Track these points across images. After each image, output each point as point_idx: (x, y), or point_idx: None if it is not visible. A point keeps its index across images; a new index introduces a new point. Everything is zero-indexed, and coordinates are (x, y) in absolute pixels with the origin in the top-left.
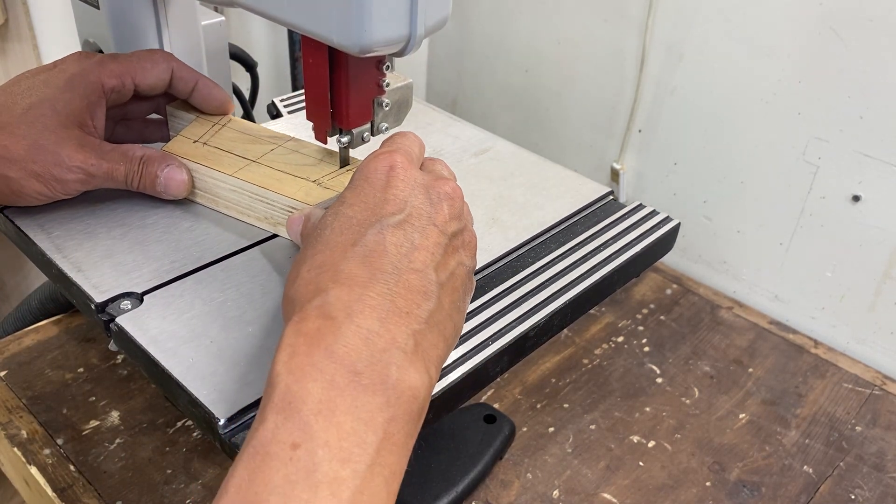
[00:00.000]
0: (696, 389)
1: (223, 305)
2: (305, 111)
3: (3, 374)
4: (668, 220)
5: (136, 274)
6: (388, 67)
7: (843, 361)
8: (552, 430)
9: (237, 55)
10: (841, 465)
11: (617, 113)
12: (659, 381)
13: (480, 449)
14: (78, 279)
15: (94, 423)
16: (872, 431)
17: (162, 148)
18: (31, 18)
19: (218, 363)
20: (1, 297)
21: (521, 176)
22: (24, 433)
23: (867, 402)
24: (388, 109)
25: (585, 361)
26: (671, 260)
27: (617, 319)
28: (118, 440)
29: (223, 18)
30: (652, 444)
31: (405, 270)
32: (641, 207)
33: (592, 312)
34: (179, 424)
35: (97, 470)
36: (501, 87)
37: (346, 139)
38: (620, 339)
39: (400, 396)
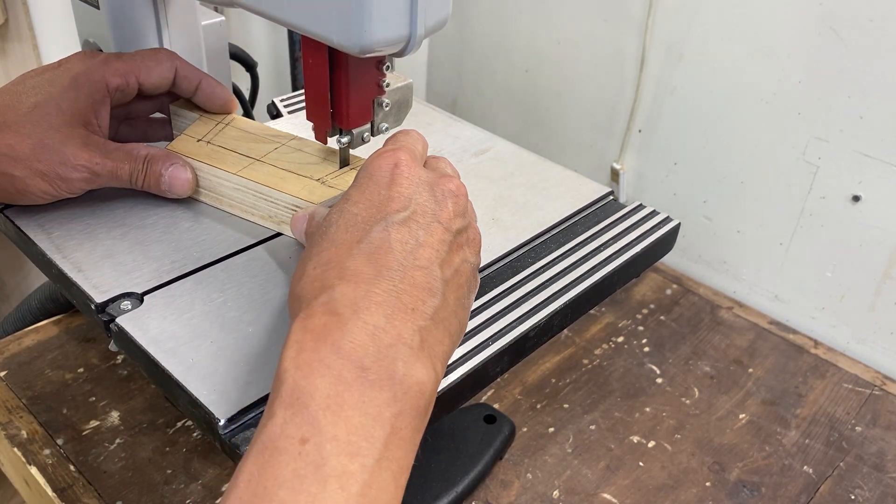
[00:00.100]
0: (696, 389)
1: (223, 305)
2: (305, 111)
3: (3, 374)
4: (668, 220)
5: (136, 274)
6: (388, 67)
7: (843, 361)
8: (552, 430)
9: (237, 55)
10: (841, 465)
11: (617, 113)
12: (659, 381)
13: (480, 449)
14: (78, 279)
15: (94, 423)
16: (872, 431)
17: (166, 147)
18: (31, 18)
19: (218, 363)
20: (1, 297)
21: (521, 176)
22: (24, 433)
23: (867, 402)
24: (388, 109)
25: (585, 361)
26: (671, 260)
27: (617, 319)
28: (118, 440)
29: (223, 18)
30: (652, 444)
31: (410, 267)
32: (641, 207)
33: (592, 312)
34: (179, 424)
35: (97, 470)
36: (501, 87)
37: (346, 139)
38: (620, 339)
39: (407, 392)
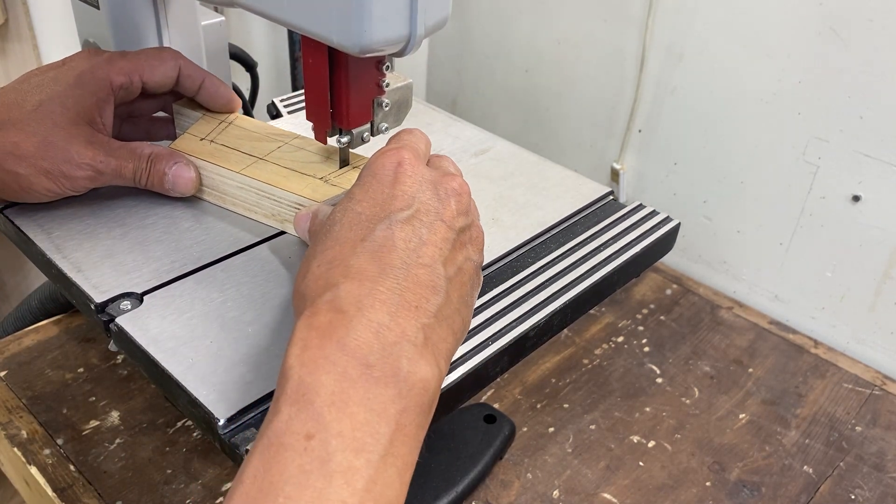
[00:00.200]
0: (696, 389)
1: (223, 305)
2: (305, 111)
3: (3, 374)
4: (668, 220)
5: (136, 274)
6: (388, 67)
7: (843, 361)
8: (552, 430)
9: (237, 55)
10: (841, 465)
11: (617, 113)
12: (659, 381)
13: (480, 449)
14: (78, 279)
15: (94, 423)
16: (872, 431)
17: (169, 145)
18: (31, 18)
19: (218, 363)
20: (1, 297)
21: (521, 176)
22: (24, 433)
23: (867, 402)
24: (387, 109)
25: (585, 361)
26: (671, 260)
27: (617, 319)
28: (118, 440)
29: (223, 18)
30: (652, 444)
31: (414, 265)
32: (641, 207)
33: (592, 312)
34: (179, 424)
35: (97, 470)
36: (501, 87)
37: (345, 139)
38: (620, 339)
39: (411, 388)
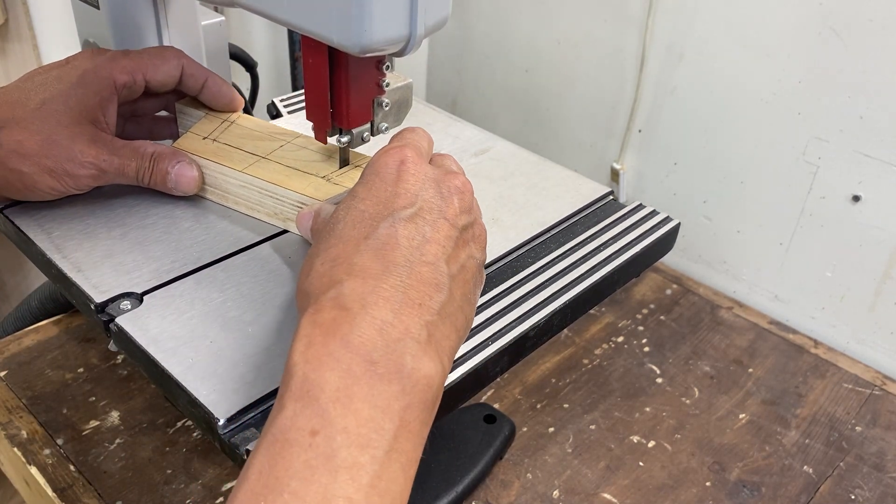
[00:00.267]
0: (696, 389)
1: (223, 305)
2: (305, 111)
3: (3, 374)
4: (668, 220)
5: (136, 274)
6: (388, 67)
7: (843, 361)
8: (552, 430)
9: (237, 55)
10: (841, 465)
11: (617, 113)
12: (659, 381)
13: (480, 449)
14: (78, 279)
15: (94, 423)
16: (872, 431)
17: (172, 144)
18: (31, 18)
19: (218, 363)
20: (1, 297)
21: (521, 176)
22: (24, 433)
23: (867, 402)
24: (387, 109)
25: (585, 361)
26: (671, 260)
27: (617, 319)
28: (118, 440)
29: (223, 18)
30: (652, 444)
31: (417, 263)
32: (641, 207)
33: (592, 312)
34: (179, 424)
35: (97, 470)
36: (501, 87)
37: (345, 139)
38: (620, 339)
39: (415, 385)
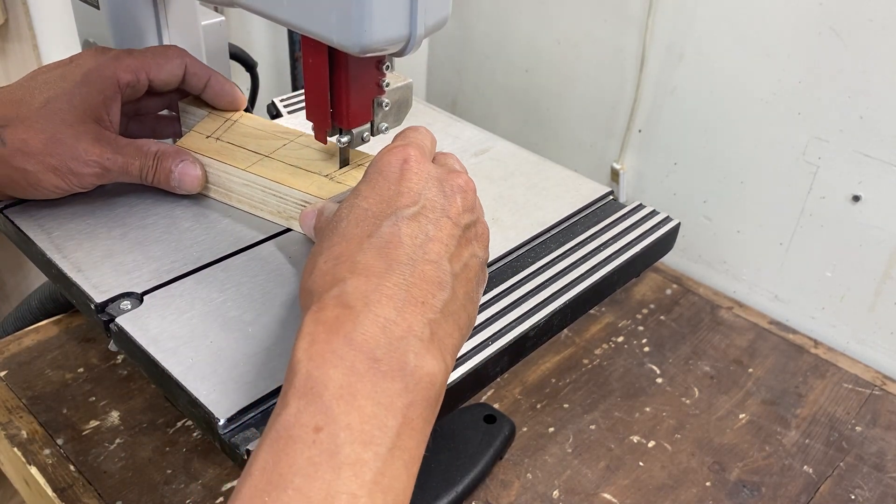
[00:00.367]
0: (696, 389)
1: (223, 305)
2: (305, 111)
3: (3, 374)
4: (668, 220)
5: (136, 274)
6: (388, 67)
7: (843, 361)
8: (552, 430)
9: (237, 55)
10: (841, 465)
11: (617, 113)
12: (659, 381)
13: (480, 449)
14: (78, 279)
15: (94, 423)
16: (872, 431)
17: (175, 143)
18: (31, 18)
19: (218, 363)
20: (1, 297)
21: (521, 176)
22: (24, 433)
23: (867, 402)
24: (387, 109)
25: (585, 361)
26: (671, 260)
27: (617, 319)
28: (118, 440)
29: (223, 18)
30: (652, 444)
31: (420, 261)
32: (641, 207)
33: (592, 312)
34: (179, 424)
35: (97, 470)
36: (501, 87)
37: (345, 139)
38: (620, 339)
39: (418, 382)
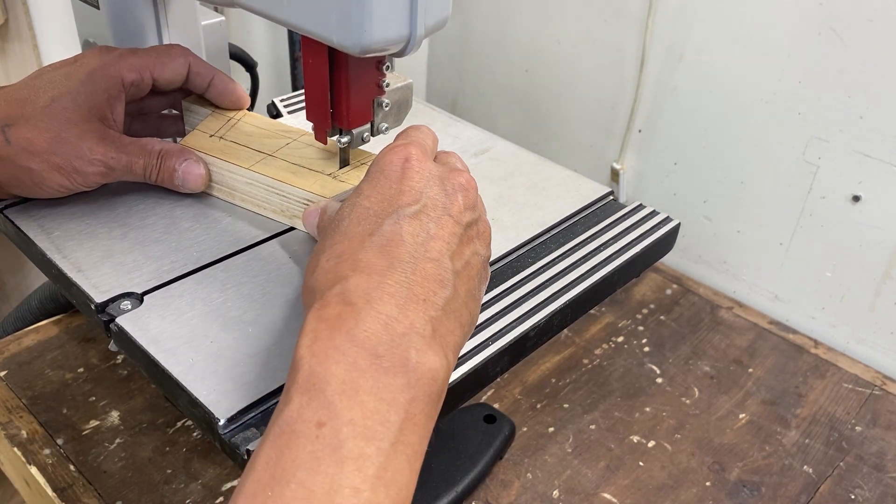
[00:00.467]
0: (696, 389)
1: (223, 305)
2: (305, 111)
3: (3, 374)
4: (668, 220)
5: (136, 274)
6: (388, 67)
7: (843, 361)
8: (552, 430)
9: (237, 55)
10: (841, 465)
11: (617, 113)
12: (659, 381)
13: (480, 449)
14: (78, 279)
15: (94, 423)
16: (872, 431)
17: (179, 142)
18: (31, 18)
19: (218, 363)
20: (1, 297)
21: (521, 176)
22: (24, 433)
23: (867, 402)
24: (387, 109)
25: (585, 361)
26: (671, 260)
27: (617, 319)
28: (118, 440)
29: (223, 18)
30: (652, 444)
31: (422, 259)
32: (641, 207)
33: (592, 312)
34: (179, 424)
35: (97, 470)
36: (501, 87)
37: (345, 139)
38: (620, 339)
39: (420, 378)
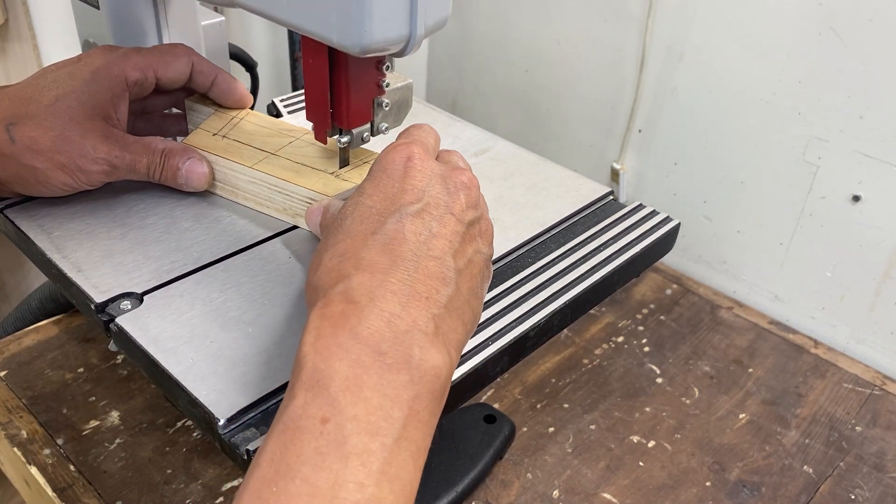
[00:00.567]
0: (696, 389)
1: (223, 305)
2: (305, 111)
3: (3, 374)
4: (668, 220)
5: (136, 274)
6: (388, 67)
7: (843, 361)
8: (552, 430)
9: (237, 55)
10: (841, 465)
11: (617, 113)
12: (659, 381)
13: (480, 449)
14: (78, 279)
15: (94, 423)
16: (872, 431)
17: (182, 141)
18: (31, 18)
19: (218, 363)
20: (1, 297)
21: (521, 176)
22: (24, 433)
23: (867, 402)
24: (387, 110)
25: (585, 361)
26: (671, 260)
27: (617, 319)
28: (118, 440)
29: (223, 18)
30: (652, 444)
31: (424, 257)
32: (641, 207)
33: (592, 312)
34: (179, 424)
35: (97, 470)
36: (501, 87)
37: (345, 139)
38: (620, 339)
39: (423, 375)
